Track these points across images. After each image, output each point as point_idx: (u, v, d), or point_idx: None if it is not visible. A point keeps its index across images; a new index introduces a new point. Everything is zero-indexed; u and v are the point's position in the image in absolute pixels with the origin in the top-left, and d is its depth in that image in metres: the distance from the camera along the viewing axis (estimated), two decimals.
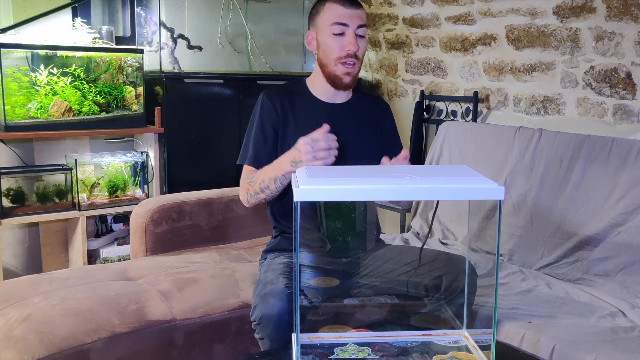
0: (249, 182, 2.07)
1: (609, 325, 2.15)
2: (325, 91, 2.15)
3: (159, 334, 2.06)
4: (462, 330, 1.66)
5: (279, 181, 1.94)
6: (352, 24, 2.02)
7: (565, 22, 3.08)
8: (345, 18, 2.02)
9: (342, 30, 2.03)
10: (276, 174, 1.94)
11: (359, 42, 2.04)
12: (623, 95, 2.91)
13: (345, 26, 2.03)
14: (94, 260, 3.58)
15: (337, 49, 2.04)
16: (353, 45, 2.02)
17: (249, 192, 2.07)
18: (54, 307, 2.03)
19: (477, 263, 2.73)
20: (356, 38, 2.03)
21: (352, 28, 2.03)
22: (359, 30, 2.04)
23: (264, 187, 1.99)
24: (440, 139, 3.42)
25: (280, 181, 1.94)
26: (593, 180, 2.68)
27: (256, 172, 2.07)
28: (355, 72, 2.07)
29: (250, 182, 2.06)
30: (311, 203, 1.76)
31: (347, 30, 2.03)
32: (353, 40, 2.02)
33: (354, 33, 2.03)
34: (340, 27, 2.02)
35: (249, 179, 2.08)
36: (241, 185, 2.13)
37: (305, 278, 1.98)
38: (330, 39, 2.04)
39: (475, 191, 1.39)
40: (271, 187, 1.97)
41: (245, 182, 2.10)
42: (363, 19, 2.05)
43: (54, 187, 3.37)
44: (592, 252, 2.60)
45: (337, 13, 2.03)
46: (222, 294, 2.26)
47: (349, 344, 1.59)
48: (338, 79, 2.07)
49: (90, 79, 3.35)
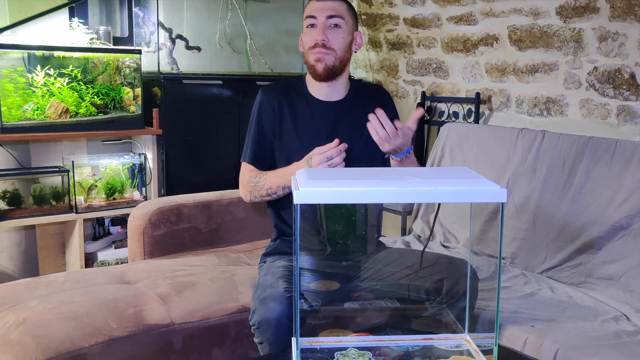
0: (254, 185, 2.11)
1: (612, 329, 2.15)
2: (319, 89, 2.17)
3: (157, 338, 2.05)
4: (464, 334, 1.66)
5: (288, 189, 2.01)
6: (321, 16, 2.08)
7: (568, 23, 3.06)
8: (314, 11, 2.10)
9: (312, 22, 2.10)
10: (285, 183, 2.01)
11: (330, 32, 2.08)
12: (627, 97, 2.89)
13: (314, 18, 2.09)
14: (91, 264, 3.58)
15: (309, 41, 2.10)
16: (319, 35, 2.07)
17: (252, 194, 2.13)
18: (50, 311, 2.02)
19: (479, 266, 2.73)
20: (327, 29, 2.08)
21: (320, 19, 2.08)
22: (330, 20, 2.08)
23: (271, 193, 2.07)
24: (441, 141, 3.41)
25: (288, 188, 2.01)
26: (596, 182, 2.67)
27: (260, 174, 2.11)
28: (329, 62, 2.09)
29: (255, 186, 2.11)
30: (311, 206, 1.76)
31: (316, 22, 2.09)
32: (319, 30, 2.07)
33: (324, 24, 2.07)
34: (311, 20, 2.11)
35: (253, 182, 2.12)
36: (242, 183, 2.17)
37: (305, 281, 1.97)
38: (305, 33, 2.13)
39: (477, 194, 1.39)
40: (279, 193, 2.06)
41: (247, 183, 2.14)
42: (336, 9, 2.10)
43: (51, 190, 3.36)
44: (596, 256, 2.59)
45: (310, 8, 2.13)
46: (221, 297, 2.26)
47: (350, 348, 1.59)
48: (312, 69, 2.11)
49: (87, 80, 3.34)
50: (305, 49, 2.12)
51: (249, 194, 2.14)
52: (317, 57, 2.08)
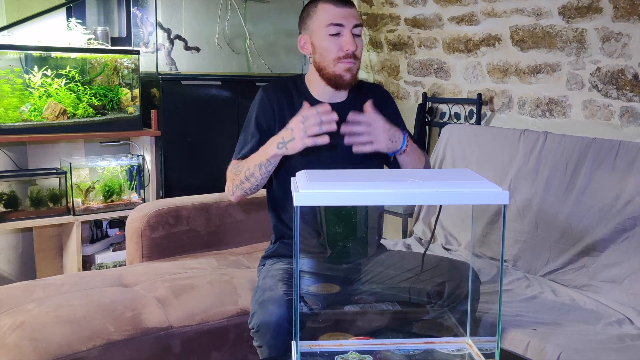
0: (235, 171, 2.06)
1: (615, 332, 2.14)
2: (323, 91, 2.13)
3: (155, 342, 2.05)
4: (466, 337, 1.64)
5: (264, 167, 1.94)
6: (348, 24, 2.01)
7: (571, 23, 3.05)
8: (340, 18, 2.01)
9: (338, 30, 2.01)
10: (261, 160, 1.93)
11: (356, 42, 2.02)
12: (630, 98, 2.88)
13: (341, 26, 2.01)
14: (89, 266, 3.58)
15: (335, 50, 2.01)
16: (351, 45, 2.00)
17: (234, 183, 2.06)
18: (48, 314, 2.02)
19: (480, 269, 2.73)
20: (353, 37, 2.01)
21: (348, 28, 2.01)
22: (355, 29, 2.02)
23: (249, 175, 1.98)
24: (443, 142, 3.41)
25: (265, 167, 1.94)
26: (599, 184, 2.67)
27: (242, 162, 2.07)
28: (355, 70, 2.05)
29: (235, 172, 2.06)
30: (311, 208, 1.75)
31: (343, 31, 2.01)
32: (350, 39, 2.00)
33: (351, 32, 2.01)
34: (336, 28, 2.01)
35: (233, 169, 2.08)
36: (227, 177, 2.12)
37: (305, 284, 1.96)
38: (327, 40, 2.02)
39: (479, 196, 1.38)
40: (256, 175, 1.97)
41: (231, 173, 2.09)
42: (357, 18, 2.05)
43: (48, 192, 3.36)
44: (599, 258, 2.59)
45: (331, 14, 2.01)
46: (220, 300, 2.26)
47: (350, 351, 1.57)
48: (339, 78, 2.04)
49: (85, 80, 3.35)
50: (327, 58, 2.03)
51: (230, 183, 2.07)
52: (347, 67, 2.02)
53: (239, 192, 2.06)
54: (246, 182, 2.00)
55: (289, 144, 1.82)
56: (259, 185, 2.01)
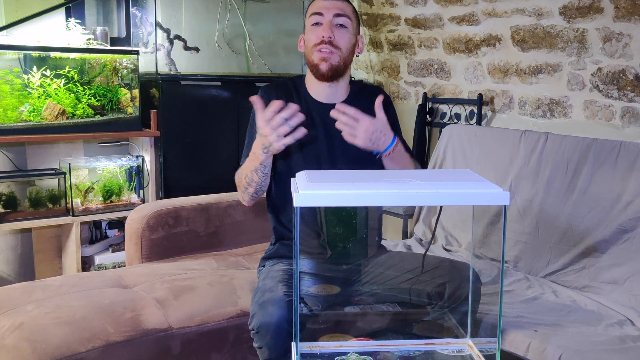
0: (238, 180, 2.11)
1: (616, 334, 2.14)
2: (320, 91, 2.15)
3: (155, 343, 2.05)
4: (466, 339, 1.65)
5: (260, 171, 1.97)
6: (328, 13, 2.06)
7: (572, 23, 3.05)
8: (320, 8, 2.08)
9: (318, 19, 2.07)
10: (255, 165, 1.96)
11: (337, 31, 2.06)
12: (631, 98, 2.88)
13: (320, 15, 2.07)
14: (88, 267, 3.58)
15: (313, 39, 2.07)
16: (326, 32, 2.04)
17: (240, 189, 2.10)
18: (47, 315, 2.02)
19: (481, 270, 2.70)
20: (333, 27, 2.05)
21: (327, 17, 2.06)
22: (338, 19, 2.06)
23: (250, 181, 2.02)
24: (443, 143, 3.40)
25: (261, 170, 1.97)
26: (600, 185, 2.66)
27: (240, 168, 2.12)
28: (334, 61, 2.06)
29: (238, 179, 2.10)
30: (311, 208, 1.75)
31: (322, 20, 2.06)
32: (327, 27, 2.05)
33: (331, 22, 2.05)
34: (317, 17, 2.08)
35: (237, 178, 2.12)
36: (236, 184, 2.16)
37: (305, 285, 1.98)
38: (309, 31, 2.10)
39: (480, 196, 1.39)
40: (255, 179, 2.00)
41: (237, 180, 2.13)
42: (343, 9, 2.08)
43: (47, 192, 3.36)
44: (600, 259, 2.58)
45: (315, 5, 2.10)
46: (219, 301, 2.26)
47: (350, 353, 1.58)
48: (315, 67, 2.08)
49: (84, 81, 3.35)
50: (309, 48, 2.09)
51: (239, 190, 2.12)
52: (322, 55, 2.05)
53: (247, 197, 2.09)
54: (249, 187, 2.03)
55: (271, 148, 1.84)
56: (263, 187, 2.04)
